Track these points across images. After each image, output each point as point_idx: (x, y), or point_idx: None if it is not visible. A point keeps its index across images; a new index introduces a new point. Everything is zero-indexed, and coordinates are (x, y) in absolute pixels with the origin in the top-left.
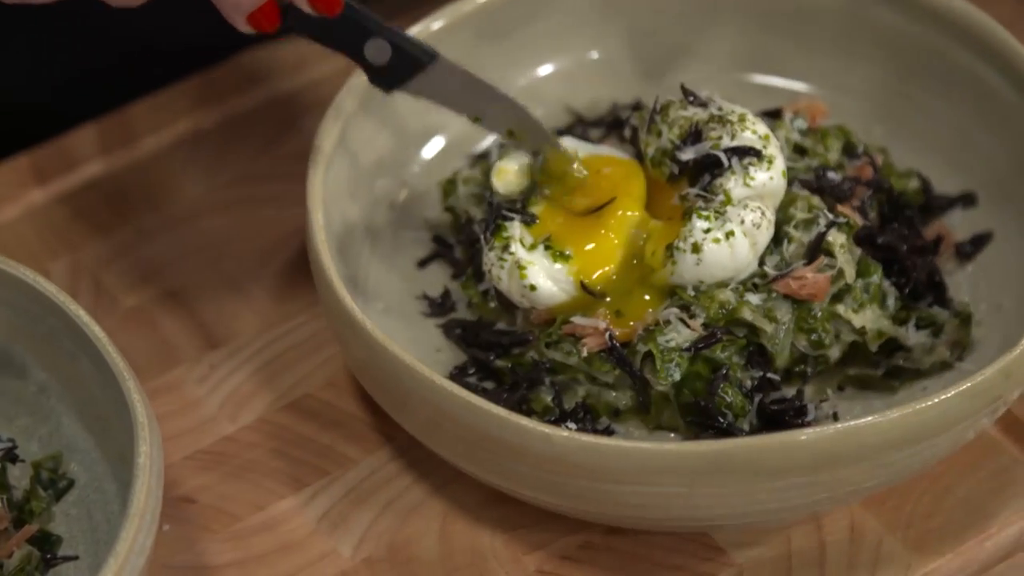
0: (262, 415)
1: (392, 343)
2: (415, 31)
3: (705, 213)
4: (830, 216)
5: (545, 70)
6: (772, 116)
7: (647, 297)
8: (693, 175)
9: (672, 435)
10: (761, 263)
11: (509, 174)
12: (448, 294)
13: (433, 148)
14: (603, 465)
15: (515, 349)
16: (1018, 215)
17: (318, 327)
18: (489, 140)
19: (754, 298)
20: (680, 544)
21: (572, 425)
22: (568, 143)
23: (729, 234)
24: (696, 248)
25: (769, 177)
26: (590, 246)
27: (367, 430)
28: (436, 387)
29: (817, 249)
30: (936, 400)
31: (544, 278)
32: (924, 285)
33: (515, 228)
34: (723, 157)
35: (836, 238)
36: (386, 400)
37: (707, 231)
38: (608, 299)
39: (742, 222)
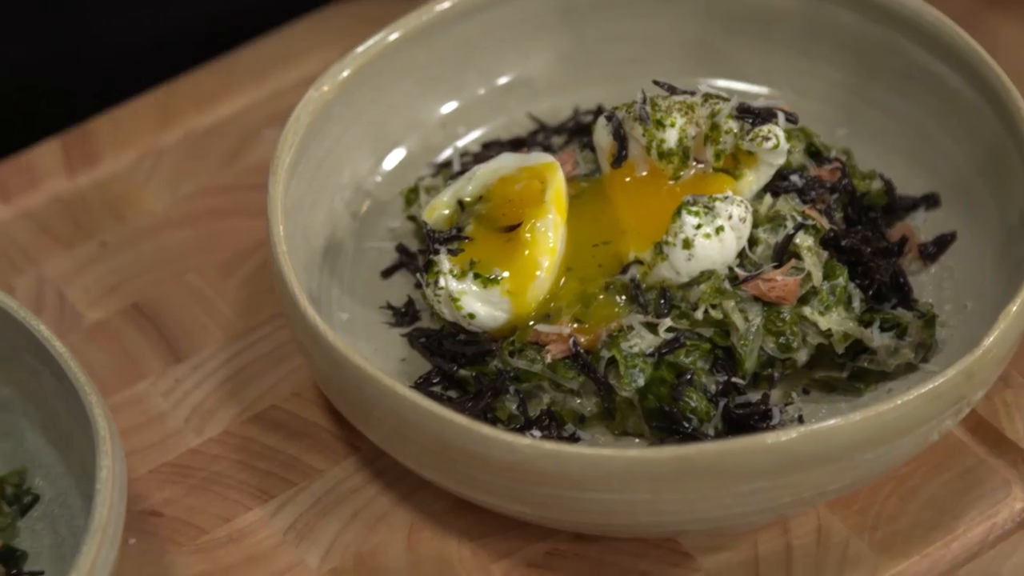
0: (227, 427)
1: (355, 354)
2: (372, 42)
3: (694, 209)
4: (798, 218)
5: (505, 78)
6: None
7: (614, 302)
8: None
9: (637, 441)
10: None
11: (440, 208)
12: (412, 303)
13: (394, 159)
14: (567, 472)
15: (479, 358)
16: (980, 215)
17: (282, 339)
18: (449, 150)
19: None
20: (647, 550)
21: (537, 433)
22: (499, 161)
23: (719, 229)
24: (687, 244)
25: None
26: (516, 263)
27: (333, 441)
28: (400, 397)
29: (785, 251)
30: (899, 402)
31: (480, 304)
32: (888, 287)
33: (443, 262)
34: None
35: (804, 240)
36: (351, 411)
37: (698, 226)
38: (532, 322)
39: (730, 217)
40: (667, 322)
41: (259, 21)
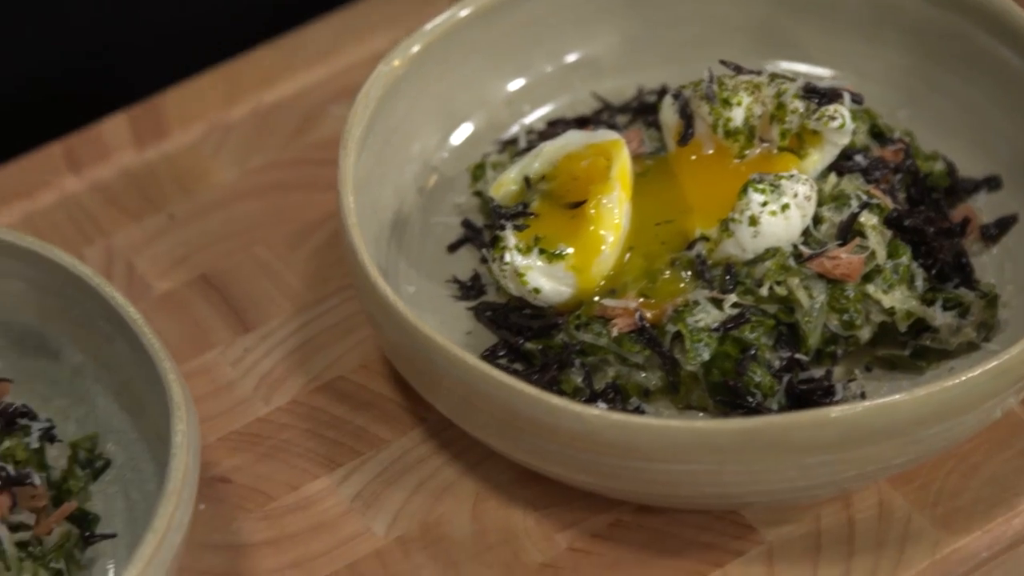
0: (295, 397)
1: (425, 325)
2: (441, 19)
3: (761, 187)
4: (864, 197)
5: (571, 57)
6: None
7: (680, 278)
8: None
9: (701, 415)
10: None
11: (506, 185)
12: (478, 277)
13: (462, 134)
14: (634, 443)
15: (545, 331)
16: None
17: (349, 310)
18: (516, 127)
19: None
20: (710, 522)
21: (602, 405)
22: (566, 138)
23: (785, 207)
24: (753, 221)
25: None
26: (581, 239)
27: (399, 411)
28: (469, 368)
29: (850, 230)
30: (963, 378)
31: (545, 279)
32: (951, 266)
33: (509, 237)
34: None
35: (868, 219)
36: (419, 381)
37: (764, 204)
38: (597, 297)
39: (795, 195)
40: (732, 298)
41: None
